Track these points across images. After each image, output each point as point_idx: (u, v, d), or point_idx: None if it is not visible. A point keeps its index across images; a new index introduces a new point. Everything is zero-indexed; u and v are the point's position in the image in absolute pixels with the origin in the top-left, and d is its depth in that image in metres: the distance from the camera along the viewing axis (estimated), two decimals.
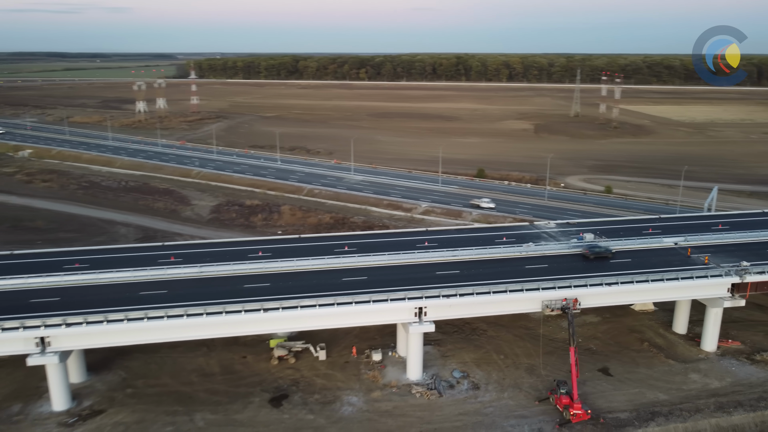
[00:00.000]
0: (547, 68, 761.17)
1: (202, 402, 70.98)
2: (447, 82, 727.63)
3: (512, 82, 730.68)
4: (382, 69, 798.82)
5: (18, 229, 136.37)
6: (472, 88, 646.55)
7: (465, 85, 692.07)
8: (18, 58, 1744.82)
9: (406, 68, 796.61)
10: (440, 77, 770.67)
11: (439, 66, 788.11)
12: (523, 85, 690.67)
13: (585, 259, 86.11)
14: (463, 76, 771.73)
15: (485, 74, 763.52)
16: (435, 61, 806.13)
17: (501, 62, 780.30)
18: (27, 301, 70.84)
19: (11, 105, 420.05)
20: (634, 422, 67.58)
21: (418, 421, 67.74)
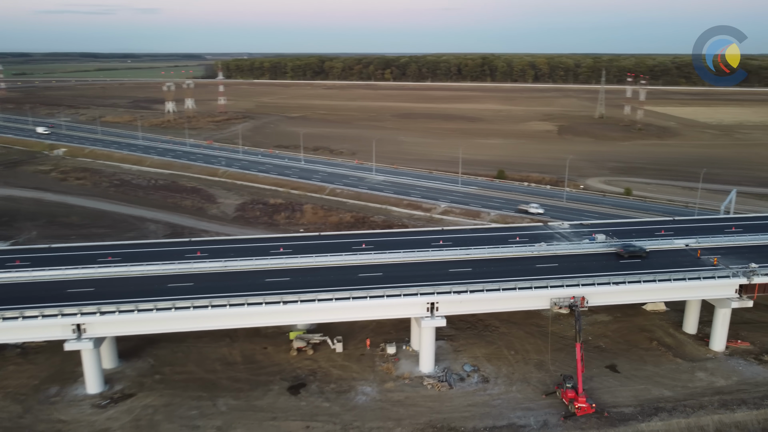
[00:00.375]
0: (574, 69, 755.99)
1: (225, 389, 75.24)
2: (472, 83, 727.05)
3: (538, 82, 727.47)
4: (407, 69, 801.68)
5: (54, 224, 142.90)
6: (497, 89, 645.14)
7: (490, 86, 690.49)
8: (53, 59, 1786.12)
9: (431, 69, 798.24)
10: (465, 78, 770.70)
11: (465, 66, 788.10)
12: (549, 86, 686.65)
13: (619, 258, 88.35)
14: (489, 77, 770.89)
15: (511, 75, 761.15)
16: (460, 61, 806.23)
17: (527, 63, 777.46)
18: (64, 291, 75.95)
19: (46, 104, 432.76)
20: (637, 416, 69.90)
21: (428, 410, 70.99)
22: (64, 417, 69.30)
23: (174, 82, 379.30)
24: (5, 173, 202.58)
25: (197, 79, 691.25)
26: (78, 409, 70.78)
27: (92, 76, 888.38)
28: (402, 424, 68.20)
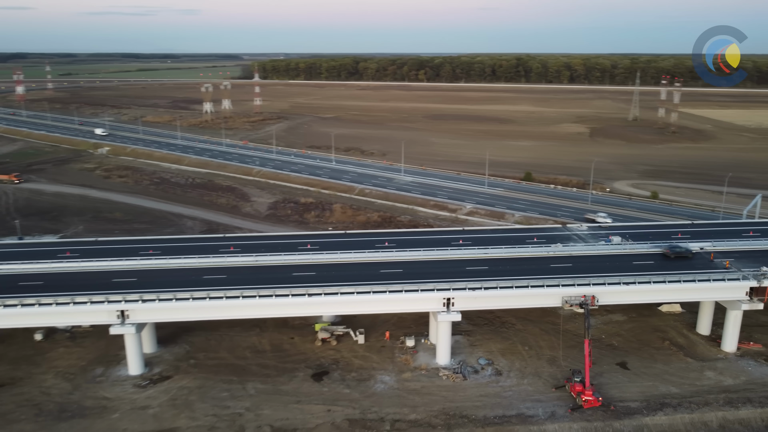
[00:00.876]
0: (610, 70, 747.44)
1: (254, 374, 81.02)
2: (506, 84, 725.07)
3: (573, 84, 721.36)
4: (441, 70, 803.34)
5: (99, 220, 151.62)
6: (532, 90, 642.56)
7: (524, 87, 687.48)
8: (97, 59, 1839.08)
9: (465, 69, 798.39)
10: (499, 79, 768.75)
11: (499, 67, 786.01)
12: (584, 88, 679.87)
13: (665, 258, 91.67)
14: (523, 78, 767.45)
15: (546, 76, 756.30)
16: (495, 62, 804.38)
17: (562, 64, 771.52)
18: (110, 280, 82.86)
19: (91, 104, 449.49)
20: (642, 411, 73.08)
21: (442, 399, 75.44)
22: (109, 395, 75.97)
23: (212, 83, 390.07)
24: (53, 171, 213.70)
25: (234, 79, 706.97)
26: (121, 388, 77.40)
27: (134, 76, 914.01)
28: (417, 411, 72.81)
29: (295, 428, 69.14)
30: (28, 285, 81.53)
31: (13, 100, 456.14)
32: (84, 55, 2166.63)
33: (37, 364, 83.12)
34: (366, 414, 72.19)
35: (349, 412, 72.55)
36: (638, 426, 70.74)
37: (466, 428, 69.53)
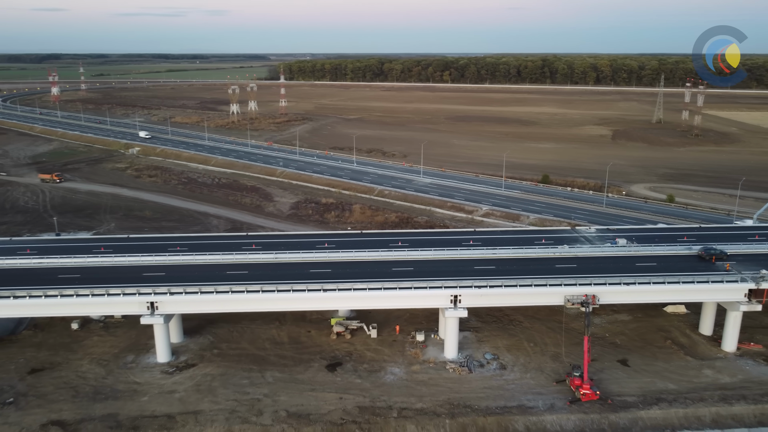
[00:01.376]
0: (637, 71, 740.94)
1: (273, 363, 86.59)
2: (531, 85, 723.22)
3: (599, 85, 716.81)
4: (466, 71, 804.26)
5: (130, 217, 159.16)
6: (557, 92, 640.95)
7: (549, 89, 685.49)
8: (128, 60, 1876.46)
9: (490, 71, 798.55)
10: (525, 80, 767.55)
11: (524, 68, 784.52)
12: (610, 89, 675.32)
13: (701, 260, 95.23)
14: (549, 79, 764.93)
15: (571, 77, 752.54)
16: (520, 63, 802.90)
17: (588, 65, 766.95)
18: (140, 274, 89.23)
19: (122, 105, 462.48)
20: (638, 405, 76.74)
21: (448, 390, 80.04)
22: (139, 380, 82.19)
23: (239, 84, 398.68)
24: (87, 170, 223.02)
25: (261, 80, 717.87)
26: (150, 374, 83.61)
27: (163, 77, 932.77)
28: (423, 400, 77.52)
29: (309, 413, 74.39)
30: (66, 278, 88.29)
31: (48, 101, 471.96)
32: (116, 55, 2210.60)
33: (73, 351, 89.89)
34: (375, 402, 77.14)
35: (360, 400, 77.58)
36: (633, 419, 74.43)
37: (468, 417, 74.03)
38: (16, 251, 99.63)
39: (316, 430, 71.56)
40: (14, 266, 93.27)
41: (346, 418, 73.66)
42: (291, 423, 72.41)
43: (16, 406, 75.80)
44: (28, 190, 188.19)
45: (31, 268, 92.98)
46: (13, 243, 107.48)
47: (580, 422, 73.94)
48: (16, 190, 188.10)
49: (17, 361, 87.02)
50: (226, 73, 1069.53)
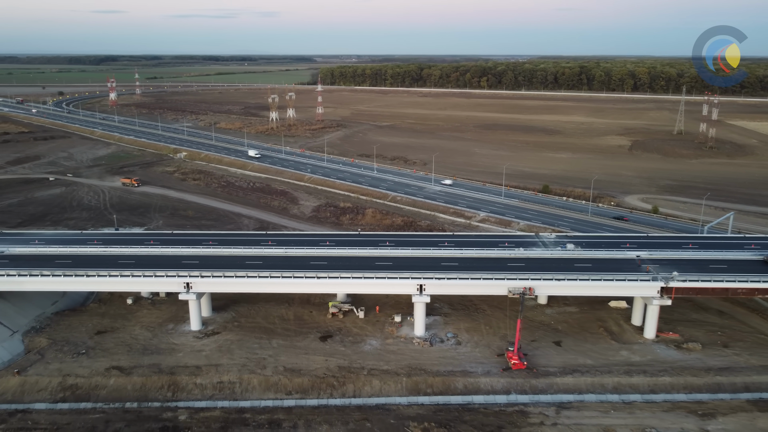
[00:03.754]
0: (676, 79, 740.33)
1: (278, 334, 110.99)
2: (566, 92, 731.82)
3: (637, 92, 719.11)
4: (503, 78, 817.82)
5: (175, 216, 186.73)
6: (591, 99, 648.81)
7: (584, 96, 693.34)
8: (180, 62, 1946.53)
9: (527, 77, 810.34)
10: (562, 86, 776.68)
11: (561, 75, 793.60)
12: (646, 97, 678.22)
13: (765, 264, 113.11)
14: (586, 86, 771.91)
15: (608, 84, 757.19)
16: (558, 70, 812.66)
17: (626, 72, 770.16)
18: (180, 261, 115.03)
19: (173, 110, 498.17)
20: (557, 374, 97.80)
21: (410, 358, 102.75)
22: (176, 342, 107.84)
23: (278, 90, 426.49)
24: (140, 173, 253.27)
25: (302, 85, 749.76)
26: (185, 339, 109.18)
27: (212, 80, 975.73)
28: (389, 364, 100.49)
29: (300, 369, 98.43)
30: (124, 263, 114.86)
31: (106, 105, 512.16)
32: (169, 57, 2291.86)
33: (128, 320, 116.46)
34: (352, 364, 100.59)
35: (341, 362, 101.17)
36: (549, 383, 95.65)
37: (420, 377, 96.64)
38: (85, 242, 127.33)
39: (304, 380, 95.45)
40: (85, 253, 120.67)
41: (327, 373, 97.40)
42: (286, 375, 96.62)
43: (87, 356, 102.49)
44: (91, 190, 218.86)
45: (97, 255, 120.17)
46: (83, 235, 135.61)
47: (507, 384, 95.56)
48: (81, 190, 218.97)
49: (87, 325, 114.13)
50: (273, 76, 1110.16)
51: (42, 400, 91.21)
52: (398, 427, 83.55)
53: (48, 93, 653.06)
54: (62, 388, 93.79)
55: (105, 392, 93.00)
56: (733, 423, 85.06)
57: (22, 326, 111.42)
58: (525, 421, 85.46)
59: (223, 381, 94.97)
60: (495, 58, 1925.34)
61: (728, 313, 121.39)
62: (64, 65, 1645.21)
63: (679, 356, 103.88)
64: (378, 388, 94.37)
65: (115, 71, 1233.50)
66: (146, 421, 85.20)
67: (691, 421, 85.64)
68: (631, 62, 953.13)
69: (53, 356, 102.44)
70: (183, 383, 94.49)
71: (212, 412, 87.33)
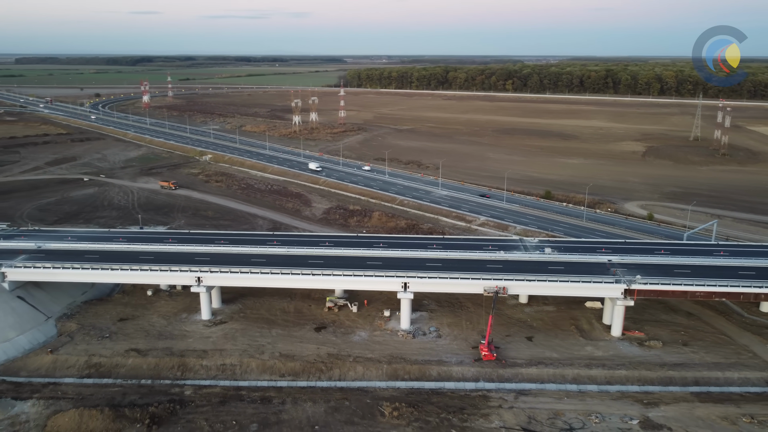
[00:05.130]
0: (703, 83, 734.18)
1: (278, 324, 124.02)
2: (591, 96, 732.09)
3: (663, 96, 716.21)
4: (528, 81, 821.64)
5: (196, 216, 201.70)
6: (615, 103, 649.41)
7: (609, 100, 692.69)
8: (212, 62, 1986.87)
9: (552, 80, 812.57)
10: (587, 90, 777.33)
11: (587, 78, 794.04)
12: (672, 101, 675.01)
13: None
14: (611, 89, 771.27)
15: (635, 88, 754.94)
16: (583, 73, 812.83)
17: (653, 76, 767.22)
18: (193, 258, 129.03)
19: (202, 112, 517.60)
20: (523, 365, 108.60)
21: (393, 349, 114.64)
22: (188, 329, 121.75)
23: (302, 93, 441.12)
24: (168, 174, 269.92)
25: (328, 87, 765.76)
26: (195, 326, 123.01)
27: (243, 81, 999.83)
28: (374, 353, 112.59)
29: (294, 355, 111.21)
30: (144, 258, 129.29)
31: (140, 107, 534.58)
32: (202, 57, 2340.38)
33: (147, 309, 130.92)
34: (341, 352, 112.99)
35: (331, 350, 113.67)
36: (515, 373, 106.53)
37: (400, 365, 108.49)
38: (111, 239, 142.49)
39: (296, 365, 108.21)
40: (111, 249, 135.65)
41: (317, 359, 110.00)
42: (281, 359, 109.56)
43: (110, 339, 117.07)
44: (121, 191, 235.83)
45: (122, 251, 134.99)
46: (110, 233, 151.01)
47: (477, 372, 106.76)
48: (112, 190, 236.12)
49: (111, 313, 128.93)
50: (301, 78, 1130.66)
51: (70, 376, 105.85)
52: (373, 406, 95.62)
53: (85, 95, 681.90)
54: (88, 365, 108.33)
55: (124, 370, 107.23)
56: (673, 411, 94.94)
57: (55, 312, 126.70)
58: (485, 404, 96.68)
59: (226, 363, 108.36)
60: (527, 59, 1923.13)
61: (696, 315, 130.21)
62: (102, 66, 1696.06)
63: (640, 352, 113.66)
64: (361, 373, 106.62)
65: (150, 72, 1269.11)
66: (157, 394, 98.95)
67: (635, 408, 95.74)
68: (660, 65, 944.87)
69: (81, 339, 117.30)
70: (191, 364, 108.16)
71: (213, 389, 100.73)
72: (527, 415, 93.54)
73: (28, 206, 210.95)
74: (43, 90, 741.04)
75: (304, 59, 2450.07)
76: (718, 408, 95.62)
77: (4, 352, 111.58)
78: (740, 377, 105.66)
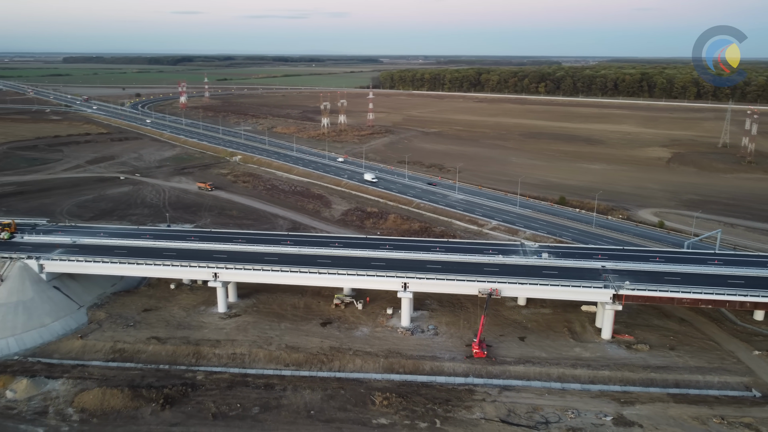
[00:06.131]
0: (742, 87, 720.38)
1: (287, 319, 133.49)
2: (624, 100, 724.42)
3: (700, 100, 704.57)
4: (561, 84, 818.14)
5: (221, 215, 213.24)
6: (649, 107, 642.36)
7: (642, 104, 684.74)
8: (251, 62, 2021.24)
9: (586, 83, 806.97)
10: (621, 93, 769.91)
11: (622, 82, 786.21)
12: (708, 106, 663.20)
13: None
14: (646, 93, 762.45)
15: (670, 92, 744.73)
16: (618, 76, 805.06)
17: (689, 79, 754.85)
18: (211, 255, 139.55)
19: (236, 113, 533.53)
20: (511, 363, 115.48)
21: (391, 344, 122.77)
22: (205, 320, 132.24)
23: (330, 98, 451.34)
24: (199, 174, 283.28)
25: (362, 88, 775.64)
26: (212, 318, 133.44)
27: (278, 82, 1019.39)
28: (373, 348, 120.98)
29: (299, 347, 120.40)
30: (167, 254, 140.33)
31: (177, 108, 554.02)
32: (241, 57, 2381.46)
33: (169, 301, 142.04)
34: (342, 345, 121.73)
35: (333, 343, 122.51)
36: (503, 370, 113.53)
37: (395, 359, 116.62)
38: (139, 236, 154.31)
39: (300, 356, 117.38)
40: (138, 245, 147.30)
41: (320, 351, 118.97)
42: (286, 350, 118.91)
43: (134, 328, 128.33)
44: (154, 189, 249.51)
45: (148, 247, 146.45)
46: (138, 231, 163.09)
47: (467, 368, 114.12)
48: (145, 189, 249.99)
49: (136, 304, 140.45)
50: (335, 78, 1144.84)
51: (97, 359, 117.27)
52: (365, 396, 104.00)
53: (126, 94, 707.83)
54: (113, 351, 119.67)
55: (144, 356, 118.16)
56: (647, 410, 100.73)
57: (87, 302, 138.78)
58: (470, 397, 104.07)
59: (236, 352, 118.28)
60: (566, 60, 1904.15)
61: (689, 321, 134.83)
62: (144, 65, 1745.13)
63: (626, 355, 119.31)
64: (359, 366, 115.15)
65: (189, 72, 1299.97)
66: (172, 378, 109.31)
67: (611, 406, 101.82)
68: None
69: (108, 327, 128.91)
70: (204, 352, 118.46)
71: (223, 375, 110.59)
72: (507, 409, 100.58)
73: (67, 203, 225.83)
74: (87, 89, 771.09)
75: (341, 59, 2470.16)
76: (691, 408, 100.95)
77: (41, 336, 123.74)
78: (720, 381, 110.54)
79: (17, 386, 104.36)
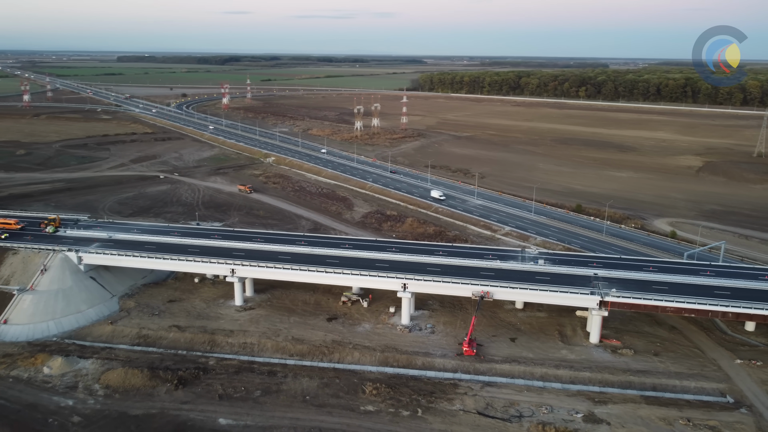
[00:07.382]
0: None
1: (297, 314, 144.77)
2: (666, 106, 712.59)
3: (746, 107, 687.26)
4: (602, 88, 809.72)
5: (249, 215, 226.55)
6: (691, 114, 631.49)
7: (683, 110, 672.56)
8: (296, 62, 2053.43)
9: (628, 88, 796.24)
10: (664, 98, 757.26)
11: (665, 87, 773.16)
12: (753, 113, 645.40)
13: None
14: (690, 98, 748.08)
15: (715, 98, 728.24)
16: (661, 81, 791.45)
17: (736, 85, 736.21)
18: (231, 252, 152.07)
19: (275, 115, 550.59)
20: (498, 361, 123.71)
21: (389, 340, 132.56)
22: (222, 312, 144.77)
23: (363, 101, 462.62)
24: (233, 174, 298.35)
25: (398, 90, 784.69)
26: (228, 311, 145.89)
27: (320, 83, 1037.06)
28: (371, 342, 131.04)
29: (304, 339, 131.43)
30: (191, 251, 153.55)
31: (219, 108, 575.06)
32: (287, 57, 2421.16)
33: (192, 294, 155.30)
34: (344, 339, 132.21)
35: (336, 337, 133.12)
36: (489, 367, 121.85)
37: (391, 354, 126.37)
38: (168, 233, 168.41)
39: (304, 347, 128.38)
40: (166, 242, 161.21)
41: (322, 344, 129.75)
42: (292, 342, 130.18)
43: (158, 317, 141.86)
44: (190, 189, 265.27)
45: (175, 243, 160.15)
46: (167, 228, 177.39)
47: (457, 365, 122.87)
48: (182, 188, 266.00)
49: (163, 295, 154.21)
50: (376, 80, 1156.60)
51: (123, 343, 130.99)
52: (358, 385, 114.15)
53: (173, 94, 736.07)
54: (138, 336, 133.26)
55: (166, 342, 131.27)
56: (618, 409, 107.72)
57: (119, 292, 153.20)
58: (453, 391, 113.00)
59: (247, 342, 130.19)
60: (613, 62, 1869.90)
61: (679, 329, 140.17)
62: (193, 65, 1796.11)
63: (610, 358, 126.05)
64: (357, 358, 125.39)
65: (236, 72, 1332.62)
66: (187, 362, 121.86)
67: (584, 405, 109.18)
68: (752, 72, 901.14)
69: (136, 315, 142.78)
70: (218, 341, 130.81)
71: (232, 362, 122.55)
72: (486, 402, 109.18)
73: (110, 200, 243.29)
74: (136, 89, 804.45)
75: (385, 60, 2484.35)
76: (660, 410, 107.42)
77: (77, 321, 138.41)
78: (696, 386, 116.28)
79: (53, 363, 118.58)
